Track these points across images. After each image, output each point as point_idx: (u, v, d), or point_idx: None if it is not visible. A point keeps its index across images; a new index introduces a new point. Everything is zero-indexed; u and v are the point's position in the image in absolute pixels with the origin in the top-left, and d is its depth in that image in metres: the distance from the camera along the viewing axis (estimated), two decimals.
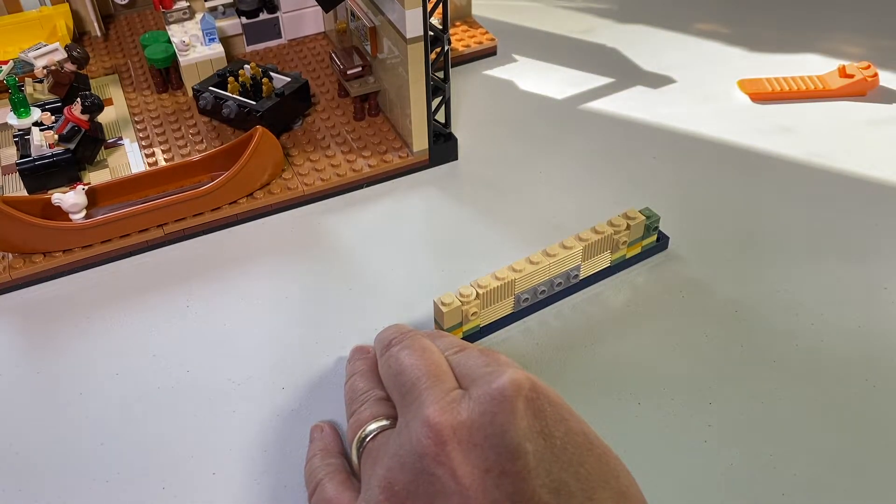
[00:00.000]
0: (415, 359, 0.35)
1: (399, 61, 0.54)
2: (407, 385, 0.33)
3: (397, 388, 0.34)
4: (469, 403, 0.30)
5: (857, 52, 0.71)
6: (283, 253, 0.52)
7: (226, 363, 0.45)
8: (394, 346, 0.37)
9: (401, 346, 0.36)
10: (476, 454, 0.29)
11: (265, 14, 0.69)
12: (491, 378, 0.31)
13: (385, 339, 0.38)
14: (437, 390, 0.32)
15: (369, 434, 0.34)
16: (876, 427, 0.40)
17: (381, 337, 0.39)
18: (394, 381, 0.35)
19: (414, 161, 0.58)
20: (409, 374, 0.34)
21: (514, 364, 0.33)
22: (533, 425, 0.29)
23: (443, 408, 0.31)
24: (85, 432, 0.41)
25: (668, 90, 0.67)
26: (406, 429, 0.31)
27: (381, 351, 0.38)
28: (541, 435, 0.29)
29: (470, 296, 0.42)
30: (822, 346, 0.45)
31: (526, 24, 0.76)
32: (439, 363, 0.34)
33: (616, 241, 0.47)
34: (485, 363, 0.33)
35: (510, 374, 0.31)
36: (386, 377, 0.36)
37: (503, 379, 0.31)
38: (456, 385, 0.33)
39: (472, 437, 0.29)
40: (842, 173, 0.57)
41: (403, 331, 0.38)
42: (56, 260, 0.50)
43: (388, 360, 0.36)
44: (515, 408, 0.29)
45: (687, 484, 0.38)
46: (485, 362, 0.33)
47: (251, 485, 0.38)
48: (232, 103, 0.58)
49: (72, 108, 0.56)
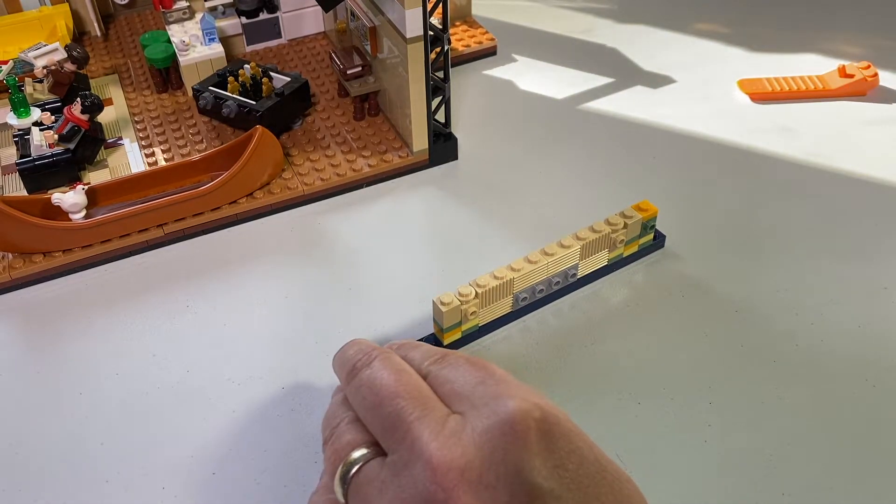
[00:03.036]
0: (390, 383, 0.30)
1: (399, 61, 0.54)
2: (390, 418, 0.29)
3: (378, 420, 0.29)
4: (474, 437, 0.27)
5: (857, 51, 0.71)
6: (282, 253, 0.52)
7: (226, 363, 0.45)
8: (360, 369, 0.32)
9: (369, 369, 0.31)
10: (488, 497, 0.26)
11: (265, 14, 0.69)
12: (495, 405, 0.27)
13: (348, 363, 0.33)
14: (430, 421, 0.28)
15: (352, 466, 0.29)
16: (876, 427, 0.40)
17: (341, 360, 0.34)
18: (371, 415, 0.30)
19: (414, 161, 0.58)
20: (389, 405, 0.29)
21: (511, 380, 0.30)
22: (547, 460, 0.26)
23: (444, 444, 0.27)
24: (85, 432, 0.41)
25: (668, 90, 0.67)
26: (405, 471, 0.27)
27: (345, 378, 0.33)
28: (555, 470, 0.26)
29: (469, 295, 0.42)
30: (822, 346, 0.45)
31: (526, 24, 0.76)
32: (419, 386, 0.30)
33: (613, 240, 0.47)
34: (478, 379, 0.29)
35: (517, 402, 0.27)
36: (360, 409, 0.31)
37: (510, 407, 0.27)
38: (446, 410, 0.29)
39: (484, 477, 0.26)
40: (842, 173, 0.57)
41: (366, 349, 0.33)
42: (56, 260, 0.50)
43: (357, 389, 0.31)
44: (528, 442, 0.26)
45: (687, 484, 0.38)
46: (478, 378, 0.29)
47: (251, 485, 0.38)
48: (232, 103, 0.58)
49: (72, 108, 0.56)
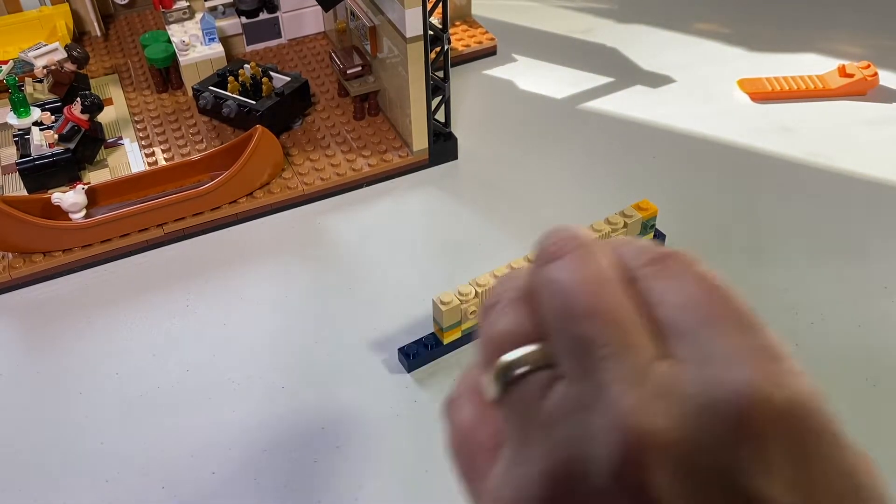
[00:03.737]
0: (584, 297, 0.21)
1: (399, 61, 0.54)
2: (574, 341, 0.21)
3: (559, 335, 0.21)
4: (687, 406, 0.18)
5: (857, 51, 0.71)
6: (283, 253, 0.52)
7: (226, 363, 0.45)
8: (553, 260, 0.23)
9: (562, 265, 0.22)
10: (693, 485, 0.18)
11: (265, 14, 0.69)
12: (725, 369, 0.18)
13: (543, 249, 0.24)
14: (628, 363, 0.19)
15: (513, 369, 0.21)
16: (876, 426, 0.40)
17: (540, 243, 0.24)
18: (553, 323, 0.22)
19: (414, 160, 0.58)
20: (575, 325, 0.21)
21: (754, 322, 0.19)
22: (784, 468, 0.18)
23: (643, 404, 0.18)
24: (85, 432, 0.41)
25: (668, 90, 0.67)
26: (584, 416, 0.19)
27: (535, 266, 0.24)
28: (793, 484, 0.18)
29: (469, 294, 0.42)
30: (822, 346, 0.45)
31: (526, 23, 0.76)
32: (620, 306, 0.21)
33: None
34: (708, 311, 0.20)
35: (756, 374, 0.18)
36: (545, 310, 0.22)
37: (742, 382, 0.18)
38: (654, 349, 0.19)
39: (690, 460, 0.18)
40: (842, 173, 0.57)
41: (566, 235, 0.23)
42: (56, 260, 0.50)
43: (543, 285, 0.23)
44: (766, 439, 0.18)
45: None
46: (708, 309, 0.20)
47: (251, 484, 0.38)
48: (232, 103, 0.58)
49: (72, 108, 0.56)
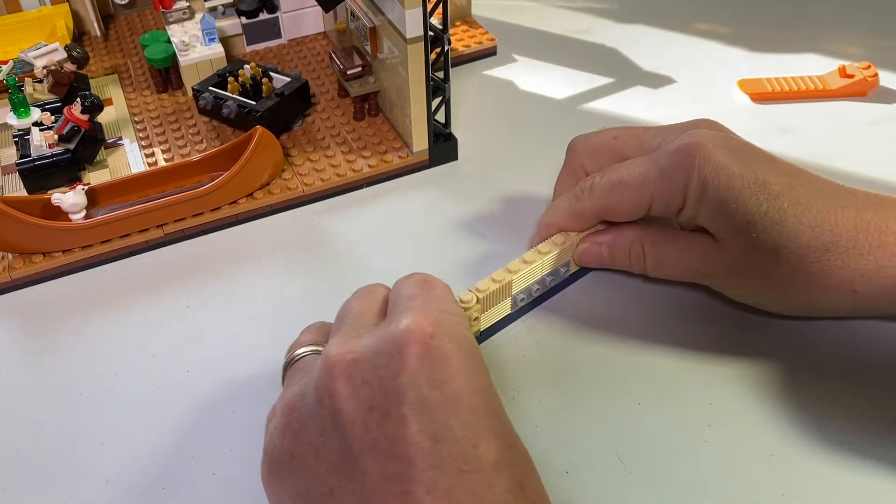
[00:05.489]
0: (355, 301, 0.36)
1: (399, 61, 0.54)
2: (335, 325, 0.35)
3: None
4: (368, 340, 0.31)
5: (857, 51, 0.71)
6: (282, 253, 0.52)
7: (226, 363, 0.45)
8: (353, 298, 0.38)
9: (353, 298, 0.37)
10: (364, 392, 0.29)
11: (265, 14, 0.69)
12: (399, 317, 0.31)
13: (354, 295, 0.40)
14: (350, 327, 0.33)
15: (296, 357, 0.36)
16: (876, 426, 0.40)
17: None
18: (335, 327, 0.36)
19: (414, 161, 0.58)
20: (339, 315, 0.36)
21: (438, 296, 0.34)
22: (422, 372, 0.29)
23: (342, 342, 0.31)
24: (85, 432, 0.41)
25: (668, 90, 0.67)
26: (315, 363, 0.32)
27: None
28: (431, 383, 0.29)
29: (471, 301, 0.42)
30: (822, 346, 0.45)
31: (526, 24, 0.76)
32: (370, 307, 0.35)
33: None
34: (410, 296, 0.34)
35: (414, 316, 0.31)
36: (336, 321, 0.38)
37: (406, 321, 0.31)
38: (374, 323, 0.34)
39: (364, 374, 0.30)
40: (842, 173, 0.57)
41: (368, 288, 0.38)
42: (56, 260, 0.50)
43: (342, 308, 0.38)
44: (408, 353, 0.30)
45: (687, 484, 0.38)
46: (411, 294, 0.34)
47: (251, 485, 0.38)
48: (232, 103, 0.58)
49: (72, 108, 0.56)
